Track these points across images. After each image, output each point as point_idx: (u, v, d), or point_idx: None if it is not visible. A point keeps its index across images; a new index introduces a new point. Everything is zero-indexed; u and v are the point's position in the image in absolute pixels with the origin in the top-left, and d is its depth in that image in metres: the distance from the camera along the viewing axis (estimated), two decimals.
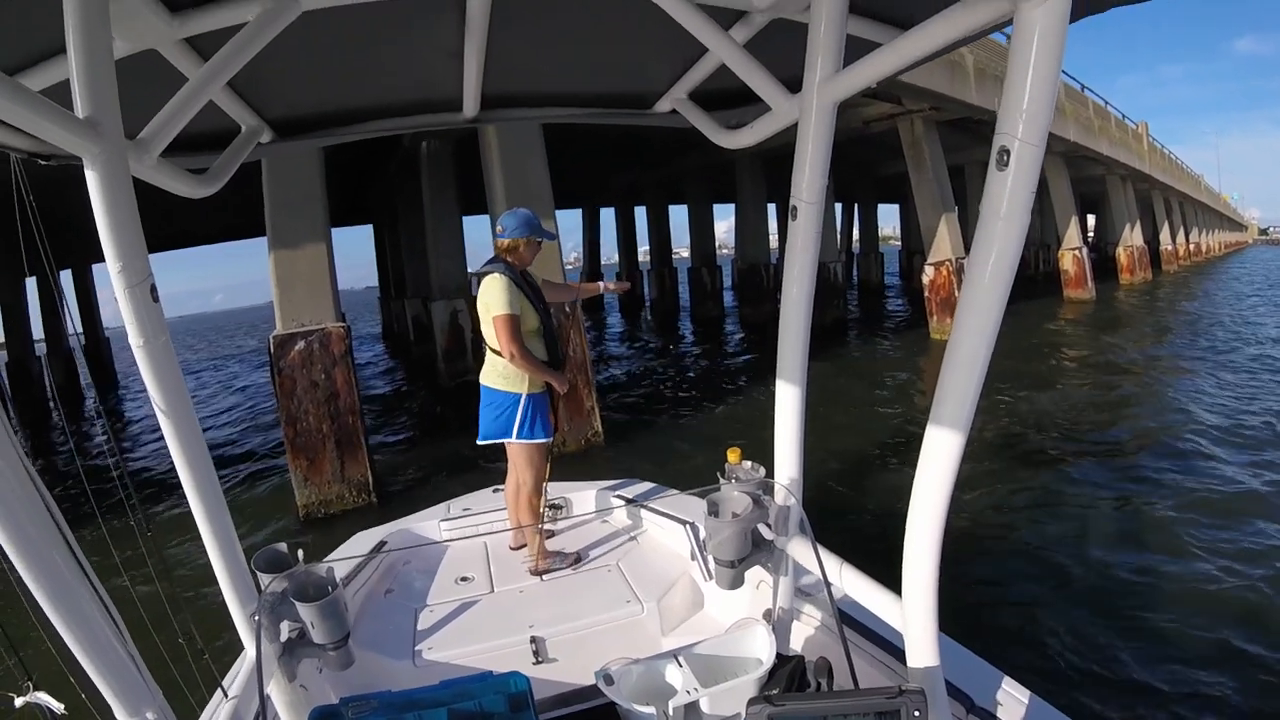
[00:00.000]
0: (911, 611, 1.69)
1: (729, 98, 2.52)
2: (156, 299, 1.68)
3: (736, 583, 2.35)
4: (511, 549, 4.00)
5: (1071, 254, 25.39)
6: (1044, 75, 1.21)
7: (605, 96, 2.69)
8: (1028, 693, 2.18)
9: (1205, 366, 13.43)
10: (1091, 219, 44.38)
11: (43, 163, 1.88)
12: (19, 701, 1.40)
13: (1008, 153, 1.25)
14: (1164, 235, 39.91)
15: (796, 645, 2.64)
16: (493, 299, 3.74)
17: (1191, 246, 46.55)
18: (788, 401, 2.21)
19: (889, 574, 1.92)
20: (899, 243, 44.46)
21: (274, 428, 14.44)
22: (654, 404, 13.86)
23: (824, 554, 2.11)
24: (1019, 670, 2.29)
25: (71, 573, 1.19)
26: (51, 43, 1.51)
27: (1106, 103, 29.22)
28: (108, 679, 1.27)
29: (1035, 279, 30.68)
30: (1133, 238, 31.40)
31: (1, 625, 1.51)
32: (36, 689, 1.41)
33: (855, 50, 1.75)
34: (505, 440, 3.92)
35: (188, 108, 1.74)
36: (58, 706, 1.41)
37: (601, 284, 4.55)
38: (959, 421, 1.47)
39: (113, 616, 1.26)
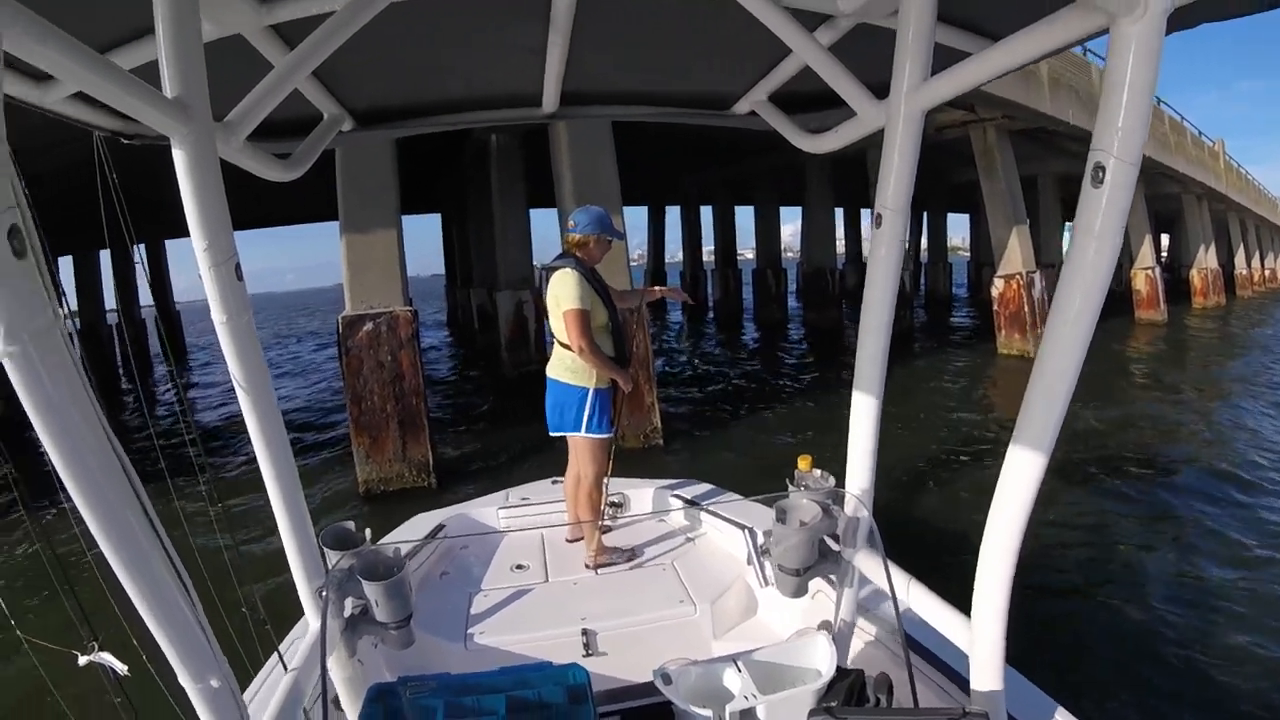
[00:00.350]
0: (980, 634, 1.66)
1: (810, 101, 2.49)
2: (240, 277, 1.71)
3: (800, 591, 2.34)
4: (568, 541, 4.02)
5: (1144, 273, 24.62)
6: (1140, 91, 1.19)
7: (684, 96, 2.69)
8: None
9: (1276, 396, 12.97)
10: (1165, 239, 43.03)
11: (125, 141, 1.93)
12: (83, 660, 1.41)
13: (1103, 169, 1.24)
14: (1239, 259, 38.42)
15: (856, 660, 2.59)
16: (564, 293, 3.75)
17: (1267, 272, 44.66)
18: (863, 410, 2.19)
19: (943, 591, 1.94)
20: (968, 253, 43.64)
21: (332, 405, 14.88)
22: (714, 405, 13.81)
23: (892, 568, 2.08)
24: (1082, 708, 2.21)
25: (146, 536, 1.17)
26: (140, 22, 1.54)
27: (1182, 118, 28.25)
28: (175, 644, 1.26)
29: (1108, 298, 29.71)
30: (1207, 260, 30.32)
31: (71, 585, 1.56)
32: (101, 649, 1.43)
33: (941, 59, 1.75)
34: (570, 434, 3.95)
35: (274, 94, 1.77)
36: (121, 667, 1.42)
37: (659, 289, 4.47)
38: (1043, 441, 1.44)
39: (184, 582, 1.25)
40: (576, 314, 3.72)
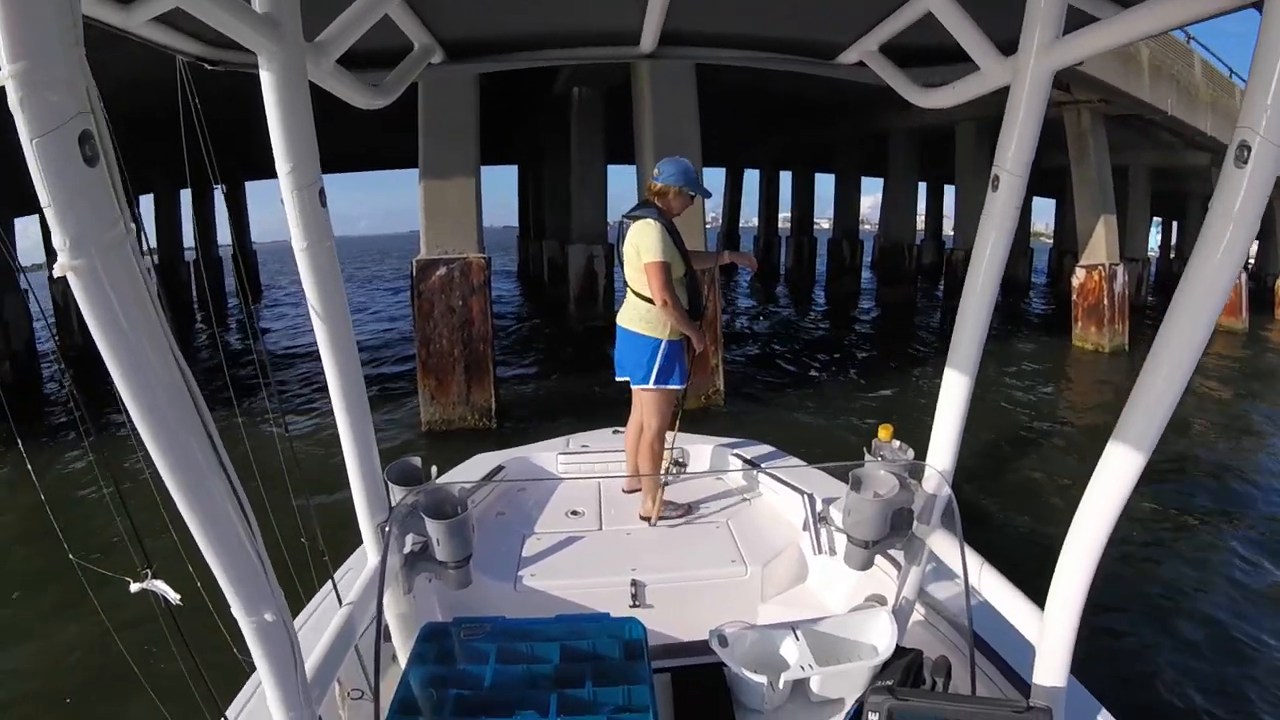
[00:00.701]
0: (1051, 627, 1.63)
1: (925, 54, 2.38)
2: (324, 204, 1.70)
3: (867, 563, 2.27)
4: (624, 492, 3.99)
5: None
6: None
7: (789, 41, 2.57)
8: None
9: None
10: (1255, 245, 41.00)
11: (209, 67, 1.89)
12: (135, 587, 1.40)
13: (1248, 148, 1.16)
14: None
15: (913, 640, 2.53)
16: (647, 244, 3.68)
17: None
18: (955, 384, 2.13)
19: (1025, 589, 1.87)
20: (1050, 240, 42.39)
21: (399, 345, 15.18)
22: (778, 372, 13.71)
23: (967, 551, 2.03)
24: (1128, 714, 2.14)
25: (208, 463, 1.14)
26: None
27: None
28: (231, 575, 1.24)
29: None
30: None
31: (128, 510, 1.55)
32: (155, 577, 1.41)
33: (1070, 22, 1.69)
34: (637, 385, 3.90)
35: (367, 16, 1.74)
36: (174, 596, 1.40)
37: (729, 254, 4.27)
38: (1147, 434, 1.39)
39: (245, 513, 1.22)
40: (660, 266, 3.65)
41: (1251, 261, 37.42)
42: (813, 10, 2.31)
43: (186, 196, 24.59)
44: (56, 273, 0.93)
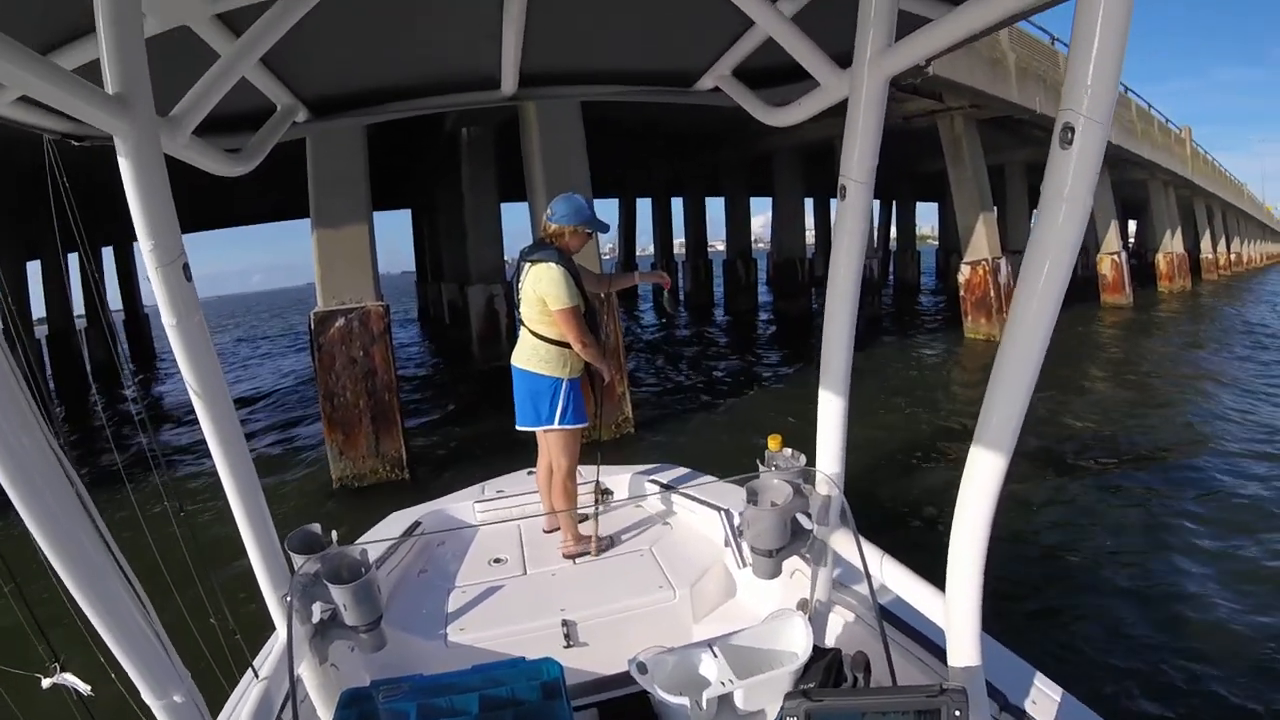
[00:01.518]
0: (955, 607, 1.65)
1: (774, 75, 2.42)
2: (189, 278, 1.66)
3: (774, 572, 2.28)
4: (545, 532, 3.95)
5: (1110, 258, 25.03)
6: (1109, 47, 1.16)
7: (646, 74, 2.62)
8: (1061, 690, 2.14)
9: (1230, 370, 13.54)
10: (1134, 225, 43.69)
11: (75, 144, 1.86)
12: (46, 683, 1.38)
13: (1071, 130, 1.20)
14: (1205, 243, 39.08)
15: (832, 638, 2.58)
16: (554, 292, 3.62)
17: (1232, 256, 45.41)
18: (832, 389, 2.15)
19: (917, 566, 1.93)
20: (937, 243, 44.10)
21: (303, 403, 14.85)
22: (685, 393, 13.94)
23: (865, 545, 2.06)
24: (1052, 668, 2.26)
25: (98, 553, 1.15)
26: (82, 21, 1.46)
27: (1150, 106, 28.70)
28: (135, 661, 1.24)
29: (1075, 281, 30.14)
30: (1173, 245, 30.83)
31: (30, 607, 1.50)
32: (64, 670, 1.39)
33: (905, 26, 1.72)
34: (542, 428, 3.84)
35: (220, 84, 1.72)
36: (85, 688, 1.39)
37: (638, 274, 4.21)
38: (1012, 414, 1.43)
39: (140, 598, 1.23)
40: (571, 311, 3.62)
41: (1132, 240, 39.95)
42: (666, 42, 2.38)
43: (75, 260, 23.67)
44: None
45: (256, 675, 1.90)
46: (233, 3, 1.64)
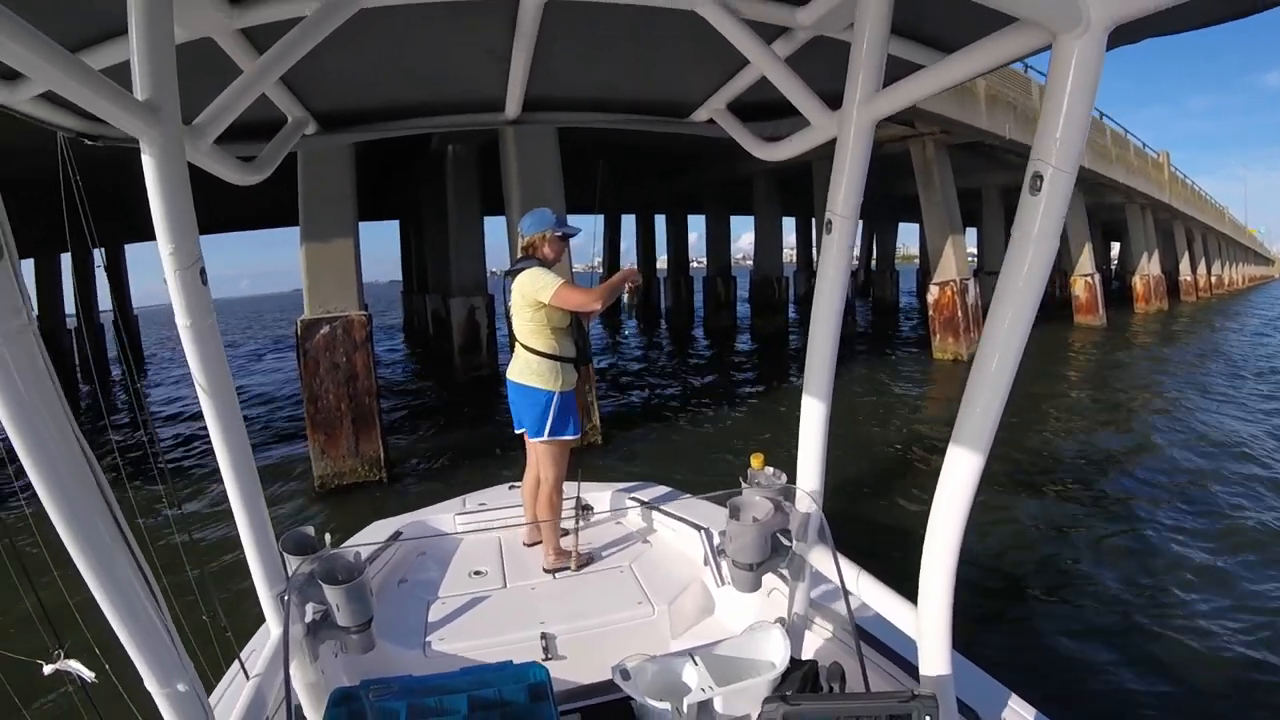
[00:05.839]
0: (926, 621, 1.70)
1: (767, 110, 2.52)
2: (205, 282, 1.70)
3: (754, 586, 2.34)
4: (525, 545, 4.00)
5: (1084, 280, 25.53)
6: (1079, 104, 1.24)
7: (644, 103, 2.70)
8: (1033, 710, 2.17)
9: (1192, 390, 13.82)
10: (1116, 247, 44.16)
11: (89, 143, 1.92)
12: (48, 669, 1.40)
13: (1040, 178, 1.28)
14: (1184, 266, 39.47)
15: (810, 651, 2.62)
16: (541, 282, 3.65)
17: (1213, 279, 45.77)
18: (813, 410, 2.21)
19: (898, 586, 1.98)
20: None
21: (285, 404, 15.20)
22: (660, 407, 14.17)
23: (842, 561, 2.10)
24: (1023, 688, 2.30)
25: (113, 539, 1.17)
26: (112, 24, 1.52)
27: (1126, 131, 28.93)
28: (141, 648, 1.25)
29: (1052, 303, 30.61)
30: (1150, 267, 31.20)
31: (36, 593, 1.56)
32: (68, 657, 1.42)
33: (894, 69, 1.80)
34: (532, 439, 3.87)
35: (243, 97, 1.76)
36: (88, 674, 1.41)
37: (612, 279, 3.94)
38: (982, 436, 1.49)
39: (150, 586, 1.24)
40: (565, 286, 3.63)
41: (1115, 264, 40.21)
42: (666, 75, 2.46)
43: (67, 261, 23.74)
44: None
45: (246, 672, 1.96)
46: (257, 19, 1.69)
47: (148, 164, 1.52)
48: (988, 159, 21.04)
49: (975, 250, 30.54)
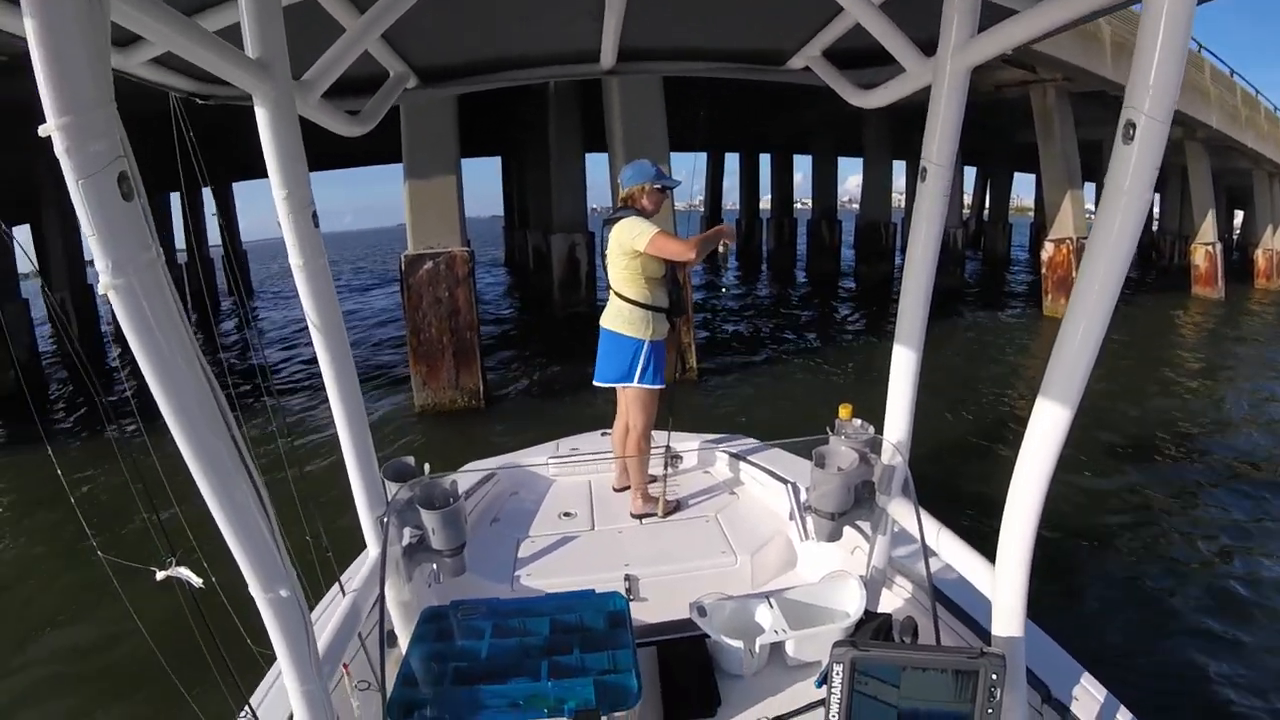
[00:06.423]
0: (1003, 580, 1.68)
1: (864, 57, 2.47)
2: (317, 224, 1.80)
3: (835, 535, 2.32)
4: (615, 490, 4.06)
5: (1204, 249, 23.38)
6: (1172, 49, 1.21)
7: (739, 52, 2.68)
8: (1105, 692, 2.12)
9: None
10: (1240, 216, 41.08)
11: (200, 102, 2.01)
12: (160, 575, 1.45)
13: (1134, 126, 1.25)
14: None
15: (886, 606, 2.60)
16: (636, 230, 3.68)
17: None
18: (903, 362, 2.20)
19: (983, 549, 1.92)
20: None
21: (386, 337, 15.62)
22: (756, 350, 14.13)
23: (924, 517, 2.07)
24: (1101, 668, 2.24)
25: (231, 456, 1.24)
26: None
27: (1258, 92, 26.52)
28: (251, 557, 1.32)
29: (1169, 270, 28.88)
30: (1274, 241, 28.34)
31: (153, 504, 1.64)
32: (178, 565, 1.46)
33: (990, 15, 1.75)
34: (621, 385, 3.93)
35: (348, 54, 1.84)
36: (197, 581, 1.46)
37: (706, 233, 3.95)
38: (1069, 397, 1.46)
39: (262, 499, 1.31)
40: (660, 235, 3.67)
41: (1237, 233, 37.53)
42: (760, 23, 2.43)
43: (176, 198, 24.79)
44: (100, 291, 1.06)
45: (343, 589, 2.04)
46: None
47: (261, 117, 1.62)
48: (1112, 110, 19.70)
49: (1094, 207, 28.86)
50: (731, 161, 38.25)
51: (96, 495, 7.27)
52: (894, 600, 2.70)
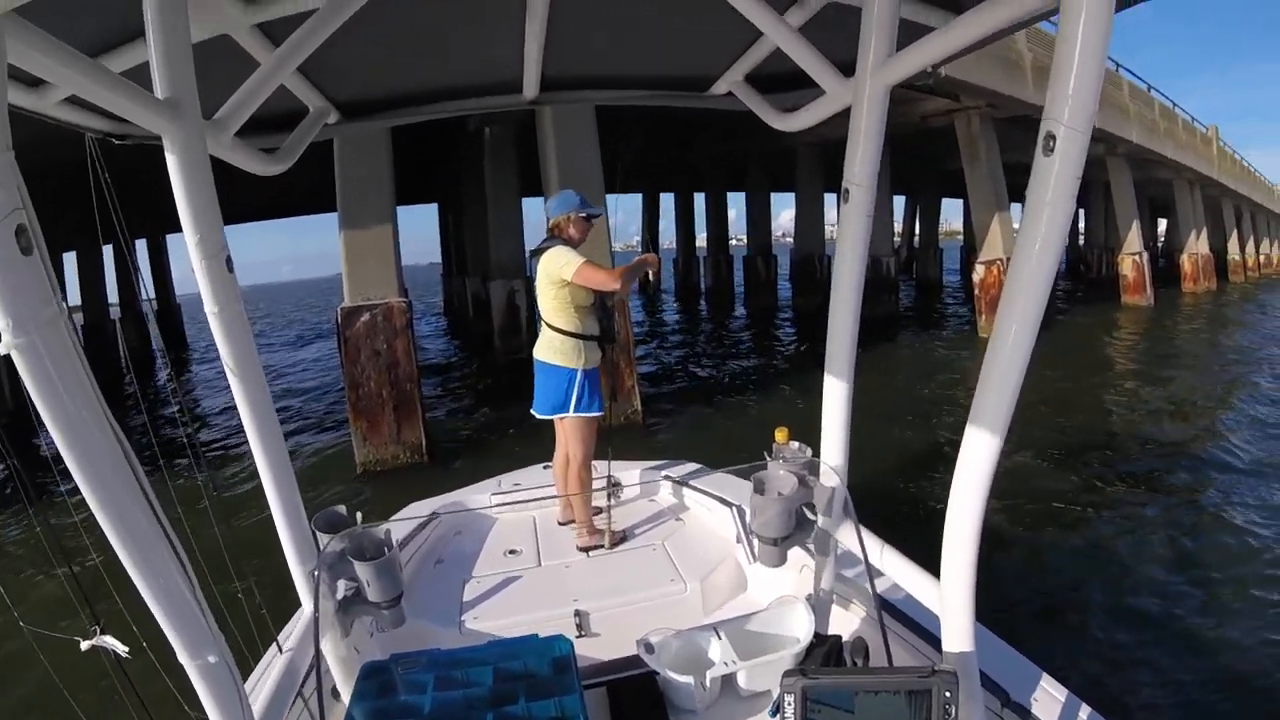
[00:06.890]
0: (949, 595, 1.68)
1: (785, 81, 2.47)
2: (231, 270, 1.75)
3: (779, 560, 2.32)
4: (559, 524, 4.02)
5: (1131, 259, 24.45)
6: (1089, 61, 1.21)
7: (662, 79, 2.69)
8: (1065, 691, 2.15)
9: (1246, 374, 13.46)
10: (1163, 224, 42.79)
11: (117, 142, 1.96)
12: (85, 644, 1.43)
13: (1054, 138, 1.25)
14: (1233, 244, 37.98)
15: (836, 627, 2.59)
16: (560, 263, 3.74)
17: (1261, 258, 44.27)
18: (836, 384, 2.19)
19: (930, 564, 1.92)
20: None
21: (325, 392, 15.36)
22: (699, 386, 14.19)
23: (866, 536, 2.09)
24: (1059, 669, 2.27)
25: (146, 518, 1.21)
26: (130, 26, 1.55)
27: (1174, 104, 28.10)
28: (173, 622, 1.29)
29: (1099, 281, 29.84)
30: (1198, 245, 30.00)
31: (73, 570, 1.58)
32: (104, 633, 1.44)
33: (908, 35, 1.76)
34: (559, 415, 3.95)
35: (261, 90, 1.81)
36: (123, 649, 1.44)
37: (625, 266, 3.98)
38: (1001, 409, 1.46)
39: (182, 562, 1.28)
40: (586, 265, 3.71)
41: (1162, 241, 39.09)
42: (680, 50, 2.45)
43: (109, 252, 24.23)
44: (0, 351, 1.02)
45: (280, 649, 2.01)
46: (271, 14, 1.72)
47: (171, 159, 1.57)
48: (1033, 133, 20.44)
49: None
50: (667, 201, 38.80)
51: (12, 551, 7.03)
52: (844, 621, 2.69)
